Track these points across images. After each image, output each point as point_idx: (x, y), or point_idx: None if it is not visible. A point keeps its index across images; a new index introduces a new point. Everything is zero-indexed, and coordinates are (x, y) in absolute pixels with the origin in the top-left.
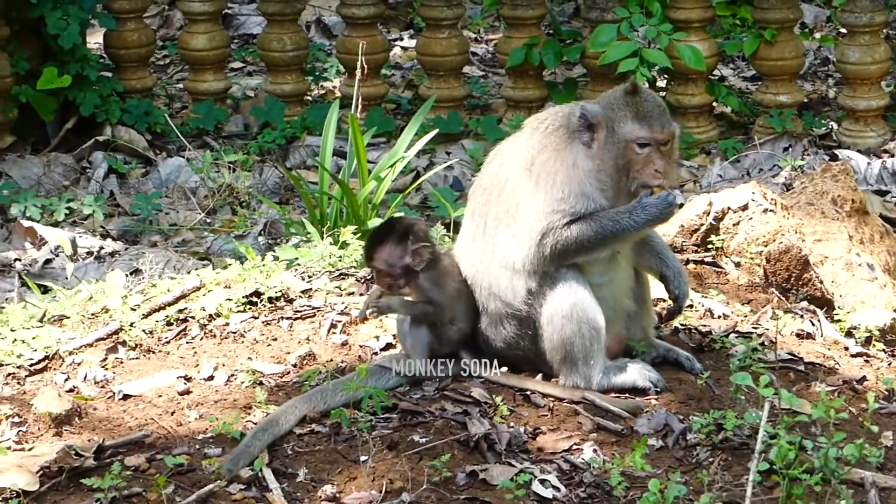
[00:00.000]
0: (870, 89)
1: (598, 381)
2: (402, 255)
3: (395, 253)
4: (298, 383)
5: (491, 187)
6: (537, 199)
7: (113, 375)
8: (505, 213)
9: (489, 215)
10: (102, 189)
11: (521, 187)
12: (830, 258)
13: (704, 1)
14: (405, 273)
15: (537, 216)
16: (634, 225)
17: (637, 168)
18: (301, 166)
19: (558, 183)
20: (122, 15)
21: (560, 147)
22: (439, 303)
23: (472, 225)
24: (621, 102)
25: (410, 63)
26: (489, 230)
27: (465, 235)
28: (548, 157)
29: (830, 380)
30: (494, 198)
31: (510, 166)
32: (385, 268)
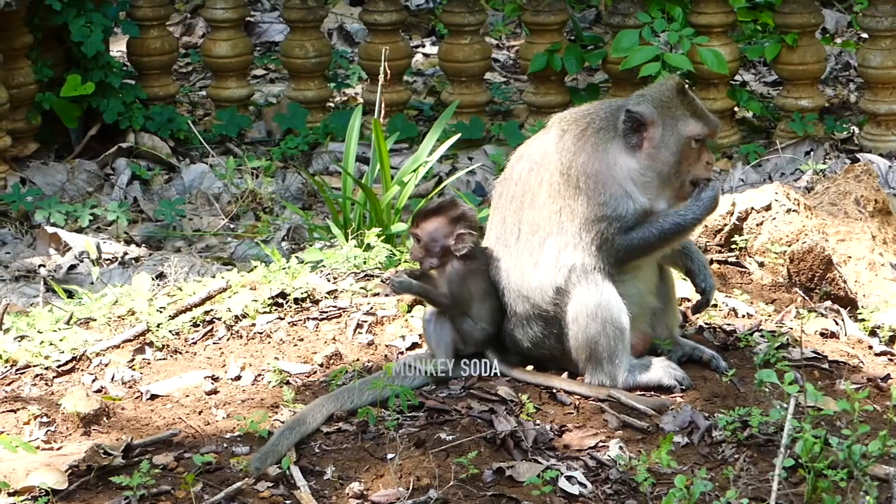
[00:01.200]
0: (891, 93)
1: (624, 379)
2: (447, 235)
3: (442, 229)
4: (325, 382)
5: (522, 193)
6: (580, 204)
7: (140, 376)
8: (545, 219)
9: (523, 222)
10: (126, 195)
11: (560, 192)
12: (854, 258)
13: (726, 6)
14: (442, 253)
15: (585, 223)
16: (695, 219)
17: (690, 163)
18: (324, 172)
19: (600, 185)
20: (145, 22)
21: (598, 148)
22: (457, 296)
23: (503, 231)
24: (676, 101)
25: (432, 69)
26: (525, 236)
27: (494, 241)
28: (586, 159)
29: (854, 378)
30: (529, 204)
31: (543, 171)
32: (427, 239)
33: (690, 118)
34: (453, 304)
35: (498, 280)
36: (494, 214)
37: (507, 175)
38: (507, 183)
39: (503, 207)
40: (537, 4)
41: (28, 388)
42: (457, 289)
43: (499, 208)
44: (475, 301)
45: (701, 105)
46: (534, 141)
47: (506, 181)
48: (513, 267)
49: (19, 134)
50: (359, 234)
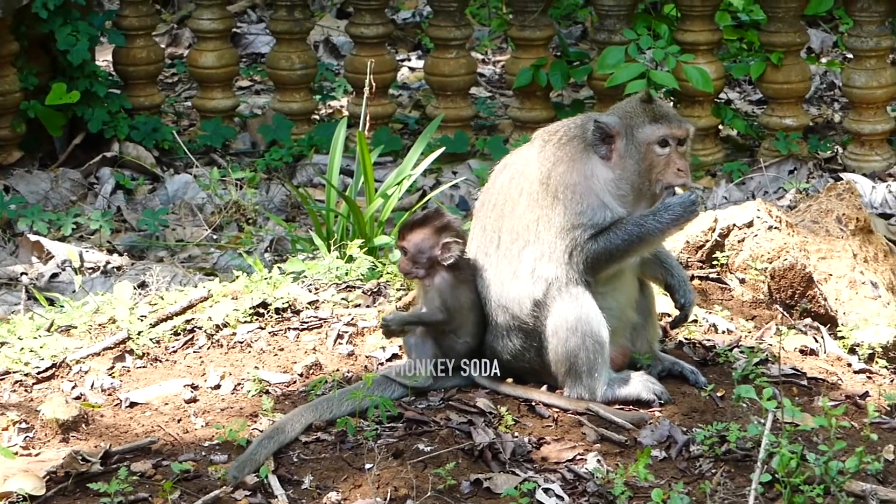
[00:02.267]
0: (875, 113)
1: (603, 392)
2: (433, 245)
3: (428, 240)
4: (304, 392)
5: (503, 202)
6: (557, 213)
7: (120, 383)
8: (524, 228)
9: (503, 230)
10: (109, 205)
11: (539, 202)
12: (834, 276)
13: (712, 24)
14: (429, 264)
15: (560, 231)
16: (659, 226)
17: (659, 170)
18: (308, 184)
19: (577, 195)
20: (131, 32)
21: (576, 158)
22: (450, 307)
23: (483, 240)
24: (638, 110)
25: (418, 83)
26: (504, 245)
27: (476, 250)
28: (565, 170)
29: (833, 395)
30: (509, 212)
31: (523, 180)
32: (413, 250)
33: (649, 124)
34: (447, 318)
35: (480, 290)
36: (476, 223)
37: (489, 185)
38: (488, 192)
39: (484, 216)
40: (524, 20)
41: (7, 394)
42: (449, 299)
43: (480, 217)
44: (465, 312)
45: (666, 110)
46: (517, 152)
47: (488, 190)
48: (493, 276)
49: (3, 142)
50: (341, 245)
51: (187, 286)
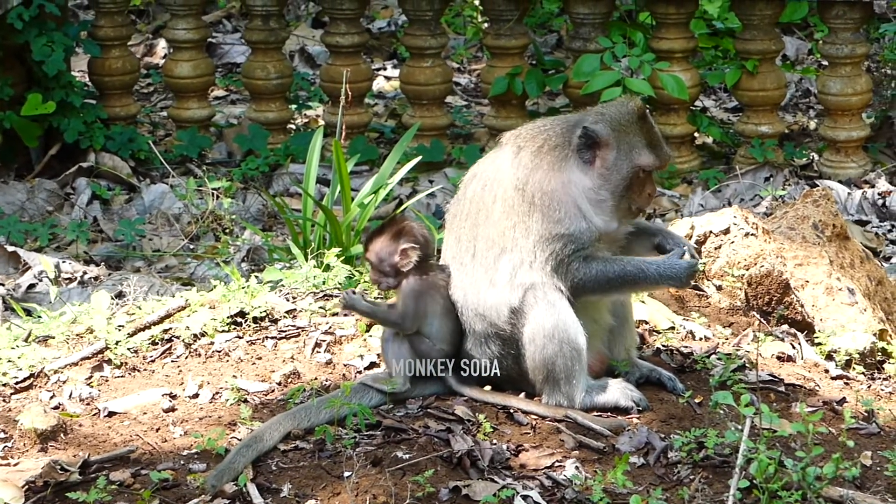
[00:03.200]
0: (850, 120)
1: (581, 399)
2: (391, 252)
3: (386, 248)
4: (283, 401)
5: (477, 210)
6: (535, 220)
7: (98, 393)
8: (500, 235)
9: (479, 239)
10: (86, 215)
11: (514, 208)
12: (811, 282)
13: (687, 31)
14: (394, 272)
15: (540, 240)
16: (658, 279)
17: (634, 191)
18: (284, 193)
19: (555, 202)
20: (106, 42)
21: (555, 166)
22: (411, 314)
23: (458, 250)
24: (635, 127)
25: (394, 92)
26: (480, 253)
27: (451, 260)
28: (542, 177)
29: (810, 401)
30: (483, 221)
31: (496, 187)
32: (375, 261)
33: (645, 148)
34: (405, 323)
35: (456, 299)
36: (449, 234)
37: (460, 195)
38: (460, 202)
39: (457, 227)
40: (499, 28)
41: None
42: (411, 305)
43: (453, 228)
44: (433, 319)
45: (658, 135)
46: (487, 159)
47: (459, 201)
48: (469, 285)
49: None
50: (318, 254)
51: (164, 296)
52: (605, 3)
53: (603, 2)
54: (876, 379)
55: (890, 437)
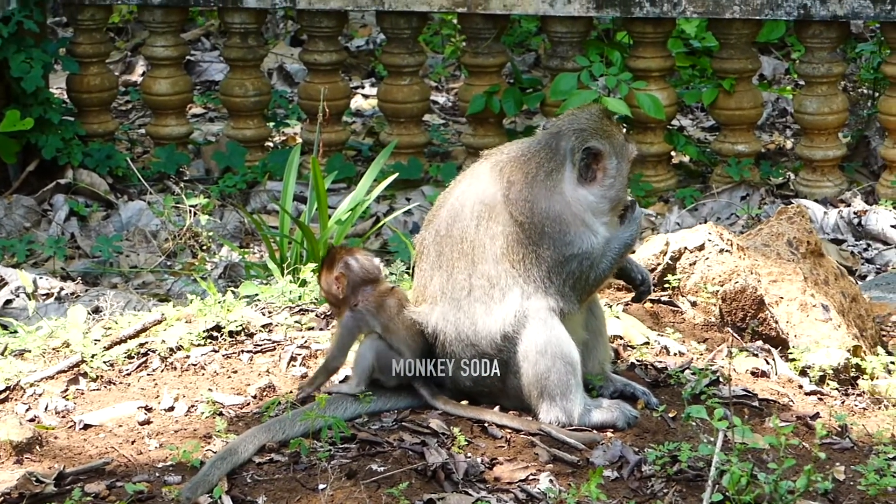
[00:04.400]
0: (827, 139)
1: (580, 415)
2: (330, 282)
3: (326, 279)
4: (258, 414)
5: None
6: (546, 249)
7: (74, 406)
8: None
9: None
10: (63, 231)
11: (522, 242)
12: (786, 299)
13: (664, 50)
14: (341, 301)
15: (554, 266)
16: (632, 239)
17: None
18: (262, 211)
19: (564, 226)
20: (85, 59)
21: (555, 189)
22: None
23: (450, 285)
24: (612, 128)
25: (372, 110)
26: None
27: (440, 297)
28: (547, 205)
29: (784, 416)
30: (482, 258)
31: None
32: (324, 292)
33: (626, 142)
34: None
35: (441, 330)
36: (437, 272)
37: (443, 231)
38: (447, 240)
39: (448, 266)
40: (476, 47)
41: None
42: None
43: (442, 266)
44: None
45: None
46: (467, 190)
47: (445, 238)
48: (463, 320)
49: None
50: (294, 268)
51: (141, 311)
52: (582, 22)
53: (580, 21)
54: (850, 395)
55: (863, 452)
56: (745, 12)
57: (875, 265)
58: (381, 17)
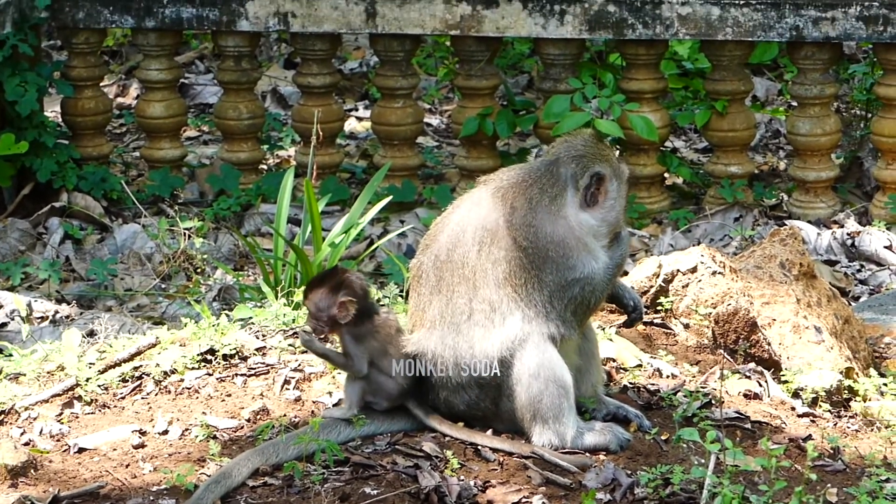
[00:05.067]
0: (820, 161)
1: (573, 438)
2: (330, 305)
3: (325, 300)
4: (252, 437)
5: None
6: (549, 273)
7: (68, 429)
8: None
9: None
10: (58, 254)
11: (525, 266)
12: (778, 321)
13: (657, 72)
14: (331, 322)
15: (556, 291)
16: (624, 259)
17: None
18: (256, 233)
19: (568, 251)
20: (79, 83)
21: (558, 214)
22: (352, 358)
23: (449, 310)
24: (607, 151)
25: (365, 133)
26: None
27: (439, 320)
28: (551, 230)
29: (776, 438)
30: (482, 283)
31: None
32: (314, 310)
33: (620, 163)
34: (354, 366)
35: (439, 355)
36: (437, 296)
37: (443, 256)
38: (448, 265)
39: (448, 290)
40: (470, 69)
41: None
42: (354, 351)
43: (442, 291)
44: (380, 358)
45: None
46: (468, 215)
47: (445, 263)
48: (462, 344)
49: None
50: (288, 292)
51: (136, 334)
52: (575, 45)
53: (573, 43)
54: (842, 417)
55: (855, 474)
56: (738, 34)
57: (868, 286)
58: (375, 39)
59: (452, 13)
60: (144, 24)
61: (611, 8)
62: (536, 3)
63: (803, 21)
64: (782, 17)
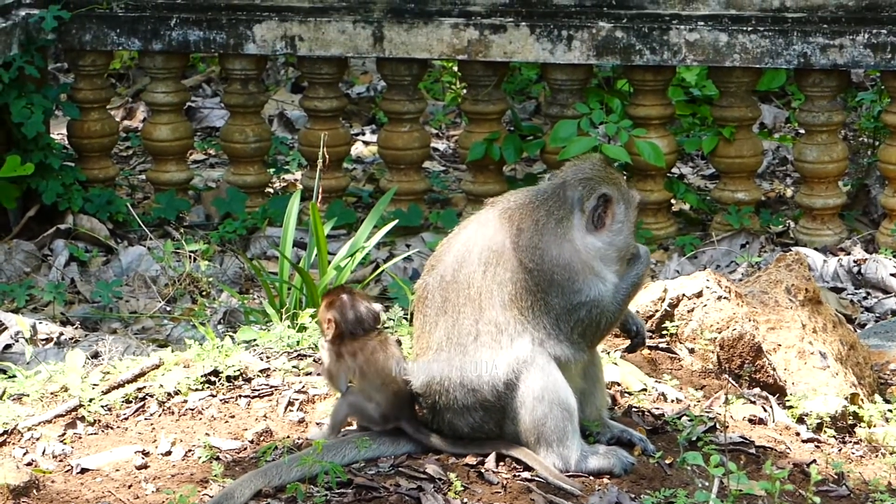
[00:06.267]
0: (827, 188)
1: (576, 461)
2: (322, 318)
3: (321, 311)
4: (255, 458)
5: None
6: (555, 297)
7: (71, 450)
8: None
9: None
10: (63, 277)
11: (530, 289)
12: (783, 346)
13: (665, 98)
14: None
15: (563, 313)
16: (640, 280)
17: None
18: (262, 256)
19: (574, 274)
20: (86, 105)
21: (565, 237)
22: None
23: (455, 331)
24: (616, 175)
25: (372, 157)
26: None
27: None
28: (557, 252)
29: (780, 462)
30: (489, 305)
31: (502, 270)
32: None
33: (632, 189)
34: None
35: (445, 377)
36: (443, 318)
37: (449, 277)
38: (453, 286)
39: (454, 311)
40: (477, 94)
41: None
42: (333, 368)
43: (448, 312)
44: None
45: None
46: (474, 236)
47: (451, 284)
48: (468, 365)
49: None
50: (293, 313)
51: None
52: (582, 70)
53: (581, 68)
54: (847, 442)
55: (860, 500)
56: (746, 60)
57: (875, 314)
58: (382, 63)
59: (460, 38)
60: (151, 47)
61: (618, 34)
62: (544, 29)
63: (811, 48)
64: (790, 44)
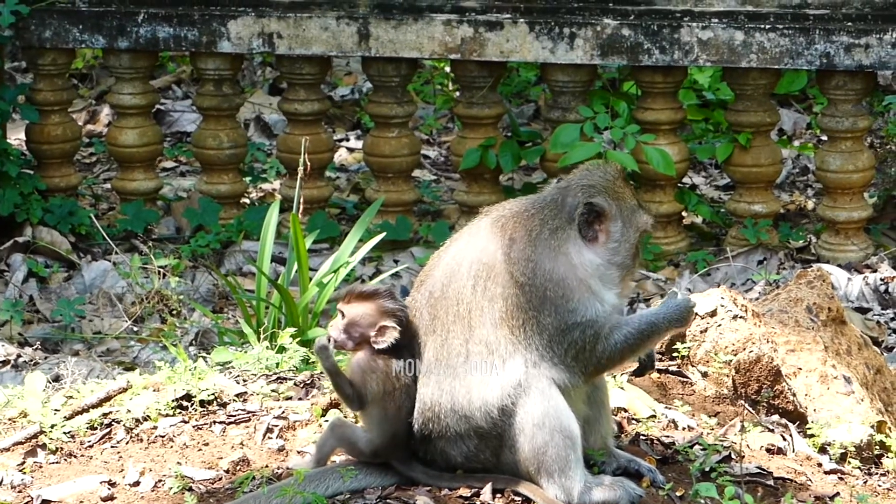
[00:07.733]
0: (851, 199)
1: (580, 494)
2: (371, 324)
3: (368, 316)
4: (231, 489)
5: (469, 311)
6: (547, 315)
7: (31, 480)
8: (505, 337)
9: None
10: (21, 294)
11: (522, 306)
12: (804, 370)
13: (675, 102)
14: (360, 339)
15: (556, 334)
16: (668, 324)
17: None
18: (237, 272)
19: (568, 291)
20: (45, 107)
21: (559, 250)
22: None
23: (444, 352)
24: (626, 191)
25: (357, 165)
26: (476, 357)
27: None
28: (551, 267)
29: (801, 496)
30: (479, 323)
31: (493, 285)
32: (349, 320)
33: (641, 210)
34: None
35: (436, 401)
36: (431, 337)
37: (437, 293)
38: (442, 302)
39: (443, 329)
40: (471, 96)
41: None
42: (356, 379)
43: (436, 331)
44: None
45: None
46: (465, 247)
47: (440, 300)
48: (459, 389)
49: None
50: (272, 334)
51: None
52: (586, 71)
53: (584, 69)
54: (873, 474)
55: None
56: (763, 61)
57: None
58: (368, 63)
59: (452, 35)
60: (117, 45)
61: (625, 32)
62: (544, 26)
63: (834, 48)
64: (811, 43)
